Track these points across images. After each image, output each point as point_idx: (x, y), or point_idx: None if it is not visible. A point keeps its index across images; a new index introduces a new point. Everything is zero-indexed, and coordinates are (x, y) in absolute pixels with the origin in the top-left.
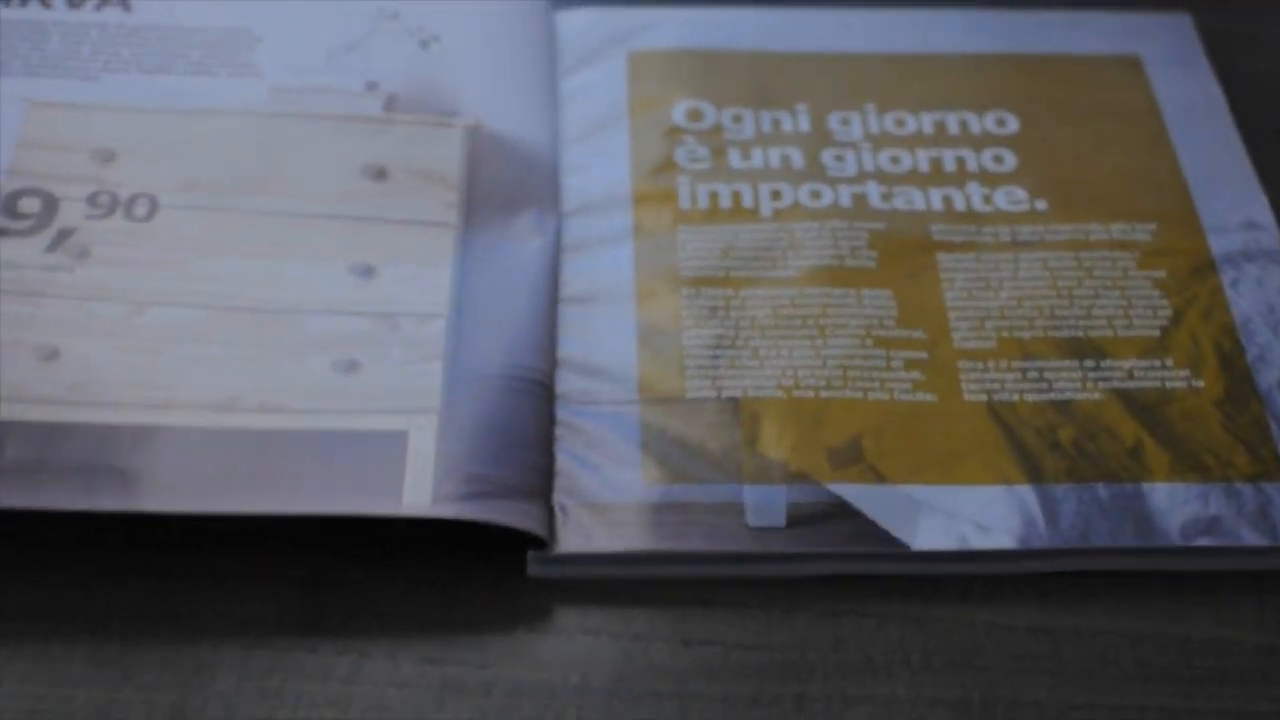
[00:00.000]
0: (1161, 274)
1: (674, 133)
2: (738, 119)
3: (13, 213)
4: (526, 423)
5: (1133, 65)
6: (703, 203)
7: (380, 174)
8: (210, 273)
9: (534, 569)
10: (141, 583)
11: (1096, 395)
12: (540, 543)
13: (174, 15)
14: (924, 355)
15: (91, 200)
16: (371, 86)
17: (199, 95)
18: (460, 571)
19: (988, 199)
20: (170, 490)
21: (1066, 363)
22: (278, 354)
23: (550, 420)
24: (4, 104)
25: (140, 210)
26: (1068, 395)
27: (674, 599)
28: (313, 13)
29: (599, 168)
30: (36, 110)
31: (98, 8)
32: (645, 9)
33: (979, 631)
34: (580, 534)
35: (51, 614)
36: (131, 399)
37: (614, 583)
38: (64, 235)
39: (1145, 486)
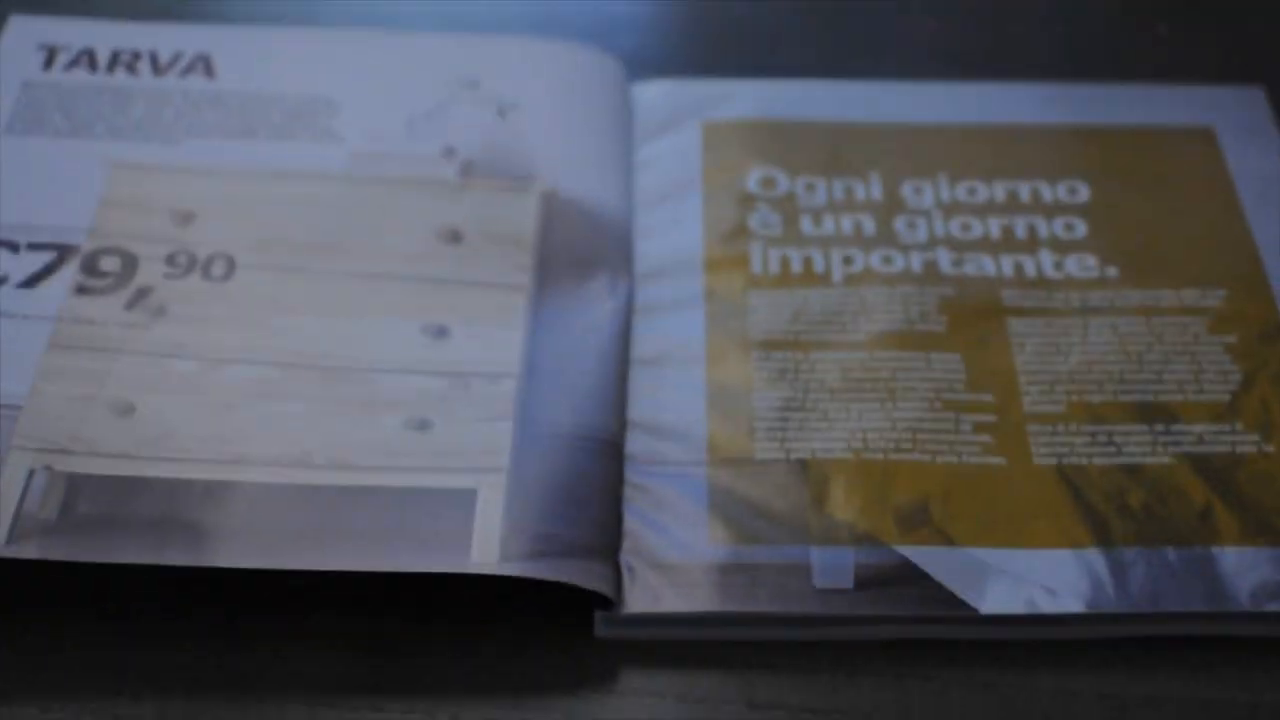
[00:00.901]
0: (1232, 339)
1: (747, 200)
2: (810, 187)
3: (93, 271)
4: (595, 483)
5: (1206, 136)
6: (774, 268)
7: (455, 237)
8: (285, 331)
9: (601, 630)
10: (209, 640)
11: (1166, 459)
12: (607, 602)
13: (256, 82)
14: (993, 419)
15: (170, 260)
16: (449, 152)
17: (280, 159)
18: (527, 631)
19: (1058, 265)
20: (240, 546)
21: (1136, 427)
22: (350, 412)
23: (619, 480)
24: (88, 166)
25: (217, 270)
26: (1137, 459)
27: (740, 661)
28: (393, 81)
29: (672, 233)
30: (119, 172)
31: (182, 74)
32: (720, 81)
33: (1045, 698)
34: (648, 594)
35: (118, 670)
36: (205, 454)
37: (680, 644)
38: (142, 293)
39: (1215, 550)
